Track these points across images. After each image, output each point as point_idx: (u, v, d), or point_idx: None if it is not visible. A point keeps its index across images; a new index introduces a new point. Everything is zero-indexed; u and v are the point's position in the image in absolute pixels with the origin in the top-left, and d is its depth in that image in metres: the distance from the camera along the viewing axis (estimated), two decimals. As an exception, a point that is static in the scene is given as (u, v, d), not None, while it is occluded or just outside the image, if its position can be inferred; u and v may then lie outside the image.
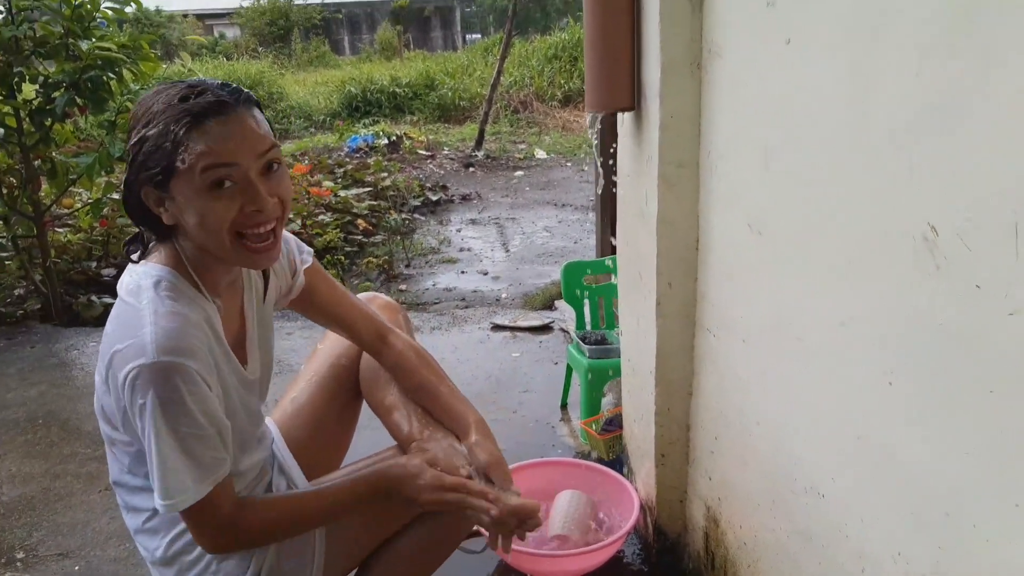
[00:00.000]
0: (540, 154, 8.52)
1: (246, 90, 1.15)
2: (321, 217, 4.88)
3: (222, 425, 1.16)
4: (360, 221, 5.10)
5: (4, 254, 3.58)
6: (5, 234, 3.63)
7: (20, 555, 1.92)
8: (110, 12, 3.46)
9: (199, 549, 1.26)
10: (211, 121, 1.07)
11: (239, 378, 1.26)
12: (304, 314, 1.46)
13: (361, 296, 1.52)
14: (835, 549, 1.08)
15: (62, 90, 3.29)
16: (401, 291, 4.10)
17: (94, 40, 3.35)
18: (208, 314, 1.18)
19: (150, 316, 1.09)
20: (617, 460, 2.03)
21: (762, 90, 1.20)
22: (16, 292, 3.81)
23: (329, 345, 1.54)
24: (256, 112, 1.14)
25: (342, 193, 5.51)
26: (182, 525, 1.26)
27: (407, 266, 4.59)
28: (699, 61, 1.39)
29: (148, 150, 1.08)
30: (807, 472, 1.15)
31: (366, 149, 8.30)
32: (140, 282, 1.15)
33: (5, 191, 3.52)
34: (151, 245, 1.21)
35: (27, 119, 3.39)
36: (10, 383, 2.94)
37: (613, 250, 1.90)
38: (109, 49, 3.31)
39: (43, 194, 3.66)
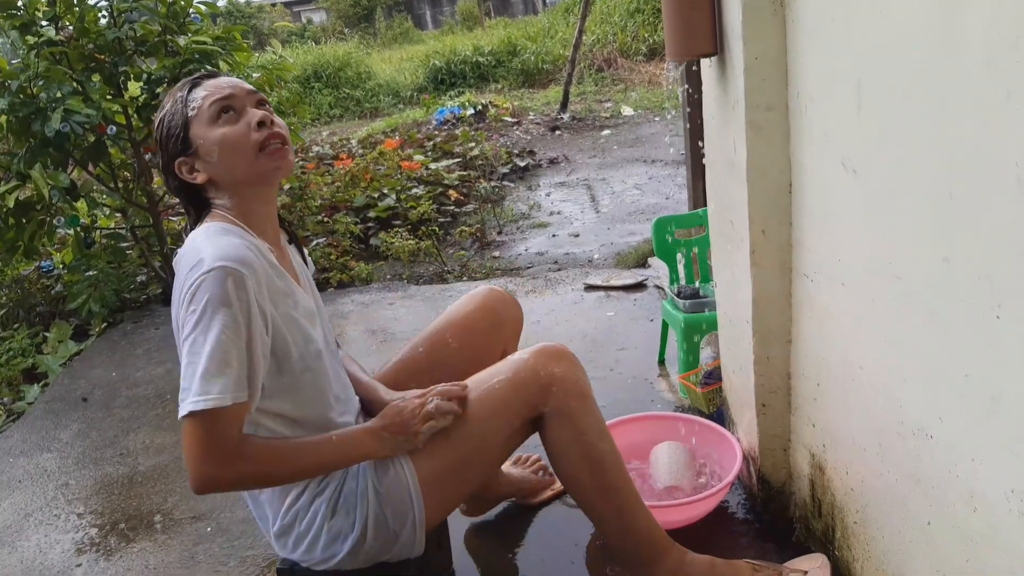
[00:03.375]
0: (627, 111, 8.38)
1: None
2: (414, 190, 4.98)
3: (255, 356, 1.21)
4: (451, 192, 5.17)
5: (125, 244, 3.82)
6: (124, 225, 3.88)
7: (158, 519, 2.08)
8: (203, 7, 3.61)
9: (308, 517, 1.34)
10: (206, 80, 1.33)
11: (304, 307, 1.34)
12: None
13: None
14: (945, 490, 1.05)
15: (164, 85, 3.47)
16: (495, 258, 4.15)
17: (190, 35, 3.51)
18: (259, 247, 1.28)
19: (205, 244, 1.22)
20: (717, 413, 2.02)
21: (849, 23, 1.15)
22: (139, 279, 4.07)
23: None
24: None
25: (432, 166, 5.60)
26: (292, 496, 1.34)
27: (499, 233, 4.63)
28: (782, -2, 1.35)
29: (167, 122, 1.32)
30: (914, 414, 1.12)
31: (453, 120, 8.38)
32: (193, 236, 1.27)
33: (121, 185, 3.75)
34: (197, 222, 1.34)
35: (135, 115, 3.60)
36: (138, 363, 3.17)
37: (705, 203, 1.87)
38: (205, 43, 3.46)
39: (155, 186, 3.88)
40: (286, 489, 1.34)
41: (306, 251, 1.56)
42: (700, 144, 1.83)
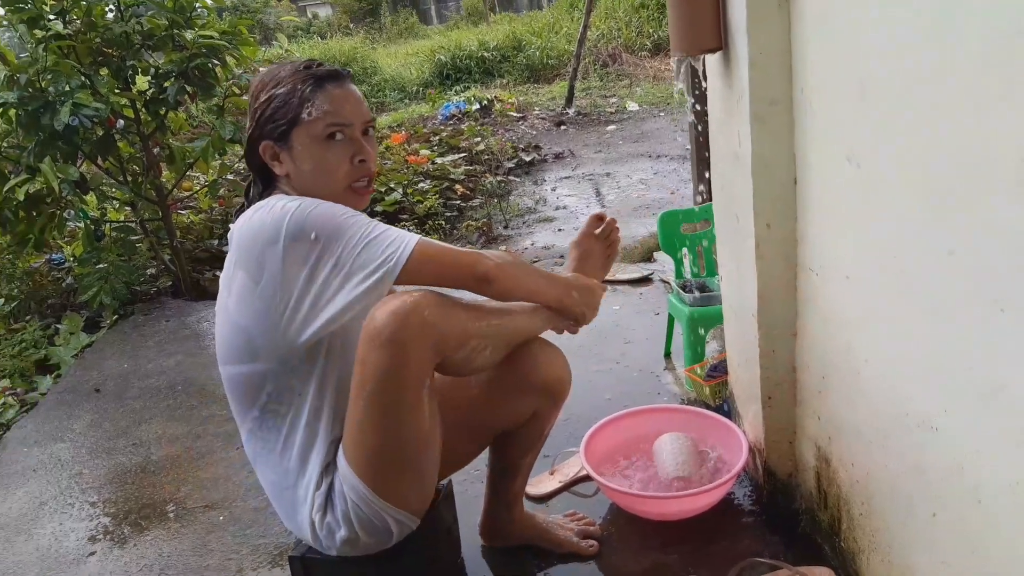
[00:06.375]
0: (632, 106, 8.37)
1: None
2: (421, 185, 4.99)
3: None
4: (458, 186, 5.19)
5: (135, 237, 3.85)
6: (134, 219, 3.91)
7: (171, 508, 2.11)
8: (209, 1, 3.63)
9: (306, 508, 1.36)
10: (330, 84, 1.34)
11: None
12: None
13: None
14: (950, 483, 1.06)
15: (172, 79, 3.49)
16: (501, 251, 4.17)
17: (197, 29, 3.53)
18: None
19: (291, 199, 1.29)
20: (723, 406, 2.03)
21: (853, 18, 1.16)
22: (149, 271, 4.10)
23: None
24: (357, 88, 1.40)
25: (439, 160, 5.61)
26: (302, 489, 1.36)
27: (505, 227, 4.65)
28: (788, -7, 1.36)
29: (276, 105, 1.32)
30: (918, 407, 1.13)
31: (459, 115, 8.38)
32: (269, 198, 1.32)
33: (130, 178, 3.78)
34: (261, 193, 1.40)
35: (143, 109, 3.62)
36: (150, 354, 3.20)
37: (711, 197, 1.89)
38: (212, 37, 3.48)
39: (164, 179, 3.90)
40: (306, 489, 1.37)
41: None
42: (706, 138, 1.84)
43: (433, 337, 1.26)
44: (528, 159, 6.33)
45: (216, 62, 3.53)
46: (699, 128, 3.02)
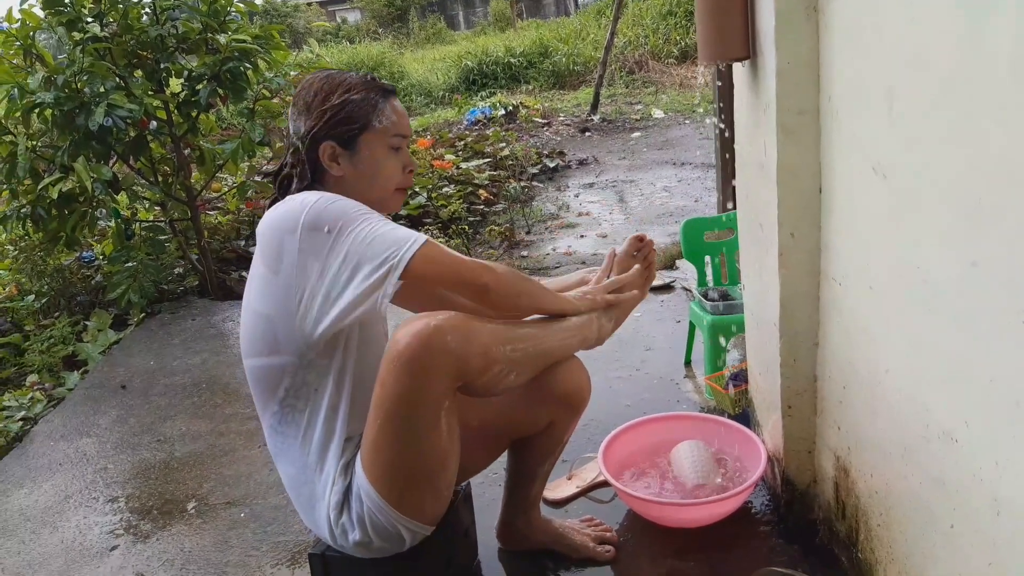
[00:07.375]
0: (657, 113, 8.37)
1: None
2: (445, 189, 5.03)
3: None
4: (481, 191, 5.22)
5: (163, 236, 3.91)
6: (163, 218, 3.97)
7: (193, 504, 2.14)
8: (241, 6, 3.69)
9: (324, 505, 1.38)
10: (393, 98, 1.46)
11: None
12: None
13: None
14: (969, 494, 1.06)
15: (204, 82, 3.55)
16: (523, 257, 4.18)
17: (230, 34, 3.58)
18: None
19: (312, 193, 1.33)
20: (743, 415, 2.03)
21: (881, 29, 1.16)
22: (176, 271, 4.17)
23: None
24: None
25: (463, 165, 5.65)
26: (319, 485, 1.38)
27: (528, 233, 4.66)
28: (815, 4, 1.36)
29: (351, 110, 1.40)
30: (939, 418, 1.13)
31: (484, 121, 8.43)
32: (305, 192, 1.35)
33: (160, 179, 3.84)
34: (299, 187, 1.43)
35: (175, 111, 3.68)
36: (175, 352, 3.25)
37: (735, 206, 1.89)
38: (244, 41, 3.53)
39: (194, 180, 3.96)
40: (323, 485, 1.38)
41: None
42: (731, 146, 1.84)
43: (454, 363, 1.26)
44: (552, 165, 6.35)
45: (248, 66, 3.59)
46: (724, 136, 3.02)
